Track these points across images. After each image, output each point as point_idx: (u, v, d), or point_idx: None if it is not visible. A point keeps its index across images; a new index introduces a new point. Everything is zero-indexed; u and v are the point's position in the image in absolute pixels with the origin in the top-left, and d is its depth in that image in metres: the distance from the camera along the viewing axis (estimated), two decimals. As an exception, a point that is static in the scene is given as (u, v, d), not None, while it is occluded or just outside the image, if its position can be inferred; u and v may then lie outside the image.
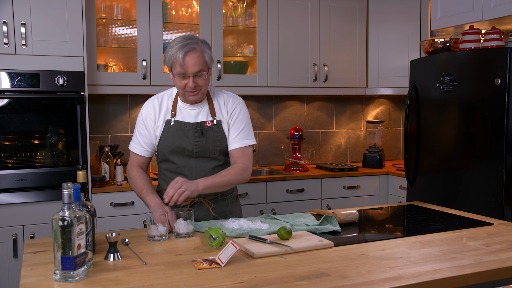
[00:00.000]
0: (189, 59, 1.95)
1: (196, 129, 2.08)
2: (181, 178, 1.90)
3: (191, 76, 1.97)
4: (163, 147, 2.11)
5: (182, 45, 1.95)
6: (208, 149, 2.10)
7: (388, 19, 4.01)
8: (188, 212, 1.88)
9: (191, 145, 2.08)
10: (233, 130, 2.13)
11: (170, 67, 2.01)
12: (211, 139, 2.10)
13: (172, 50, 1.96)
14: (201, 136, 2.08)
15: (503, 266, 1.52)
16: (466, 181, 2.93)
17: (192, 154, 2.10)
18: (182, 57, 1.93)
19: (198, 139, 2.08)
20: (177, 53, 1.94)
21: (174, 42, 2.00)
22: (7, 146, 2.89)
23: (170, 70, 2.03)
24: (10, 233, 2.87)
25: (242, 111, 2.16)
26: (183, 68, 1.95)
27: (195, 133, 2.08)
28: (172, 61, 1.96)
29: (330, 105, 4.38)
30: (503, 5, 2.90)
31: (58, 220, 1.36)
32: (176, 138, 2.08)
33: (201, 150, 2.09)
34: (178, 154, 2.10)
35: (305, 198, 3.62)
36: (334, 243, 1.74)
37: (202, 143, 2.09)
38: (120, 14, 3.45)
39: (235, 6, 3.78)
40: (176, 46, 1.96)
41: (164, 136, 2.10)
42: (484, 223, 2.09)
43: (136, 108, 3.72)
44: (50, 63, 2.93)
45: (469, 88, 2.91)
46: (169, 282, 1.38)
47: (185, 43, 1.95)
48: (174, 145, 2.08)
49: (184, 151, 2.09)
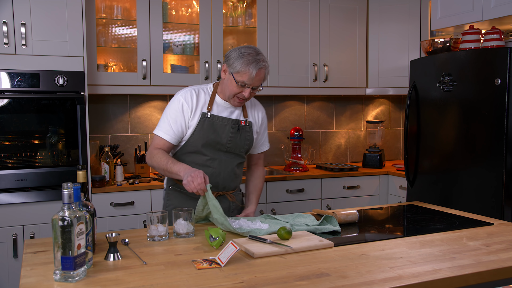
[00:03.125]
0: (258, 75, 2.08)
1: (234, 125, 2.20)
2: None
3: (249, 88, 2.09)
4: (197, 139, 2.16)
5: (256, 59, 2.06)
6: (239, 145, 2.23)
7: (388, 19, 4.01)
8: (188, 212, 1.88)
9: (226, 139, 2.19)
10: (262, 134, 2.36)
11: (235, 72, 2.08)
12: (244, 137, 2.24)
13: (244, 60, 2.06)
14: (237, 133, 2.21)
15: (503, 266, 1.52)
16: (466, 181, 2.93)
17: (223, 148, 2.20)
18: (256, 73, 2.06)
19: (234, 135, 2.20)
20: (251, 66, 2.05)
21: (246, 52, 2.08)
22: (7, 146, 2.89)
23: (230, 73, 2.10)
24: (10, 233, 2.87)
25: (266, 118, 2.41)
26: (250, 80, 2.07)
27: (233, 129, 2.20)
28: (244, 71, 2.06)
29: (330, 105, 4.38)
30: (503, 5, 2.90)
31: (58, 220, 1.36)
32: (211, 131, 2.16)
33: (233, 146, 2.21)
34: (211, 148, 2.18)
35: (305, 198, 3.62)
36: (334, 243, 1.74)
37: (236, 139, 2.21)
38: (120, 14, 3.45)
39: (235, 6, 3.78)
40: (250, 58, 2.06)
41: (199, 128, 2.15)
42: (484, 223, 2.09)
43: (136, 108, 3.72)
44: (50, 63, 2.93)
45: (469, 88, 2.91)
46: (169, 282, 1.38)
47: (258, 59, 2.07)
48: (209, 138, 2.16)
49: (217, 144, 2.18)
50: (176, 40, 3.60)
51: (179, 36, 3.63)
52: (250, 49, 2.10)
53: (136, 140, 3.73)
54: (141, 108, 3.74)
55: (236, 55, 2.08)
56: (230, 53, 2.13)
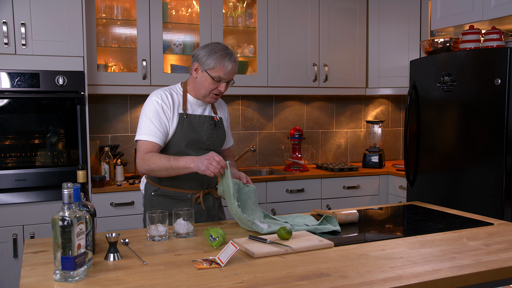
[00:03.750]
0: (232, 68, 2.13)
1: (211, 121, 2.23)
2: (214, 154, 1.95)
3: (225, 82, 2.14)
4: (180, 140, 2.16)
5: (228, 53, 2.11)
6: (217, 142, 2.27)
7: (388, 19, 4.01)
8: (188, 212, 1.88)
9: (206, 136, 2.21)
10: (227, 130, 2.39)
11: (209, 69, 2.10)
12: (220, 133, 2.28)
13: (217, 56, 2.09)
14: (214, 129, 2.24)
15: (503, 266, 1.52)
16: (466, 181, 2.93)
17: (204, 146, 2.22)
18: (231, 66, 2.11)
19: (212, 132, 2.23)
20: (225, 60, 2.10)
21: (216, 48, 2.11)
22: (7, 146, 2.89)
23: (204, 70, 2.11)
24: (10, 233, 2.87)
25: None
26: (226, 74, 2.11)
27: (210, 126, 2.23)
28: (219, 66, 2.09)
29: (330, 105, 4.38)
30: (503, 5, 2.90)
31: (58, 220, 1.36)
32: (191, 131, 2.17)
33: (212, 143, 2.24)
34: (193, 147, 2.19)
35: (305, 198, 3.62)
36: (334, 243, 1.74)
37: (214, 135, 2.24)
38: (120, 14, 3.45)
39: (235, 6, 3.78)
40: (223, 53, 2.10)
41: (180, 128, 2.15)
42: (484, 223, 2.09)
43: (136, 108, 3.72)
44: (50, 63, 2.93)
45: (469, 88, 2.91)
46: (169, 282, 1.38)
47: (229, 53, 2.12)
48: (190, 137, 2.17)
49: (198, 143, 2.20)
50: (176, 40, 3.60)
51: (179, 36, 3.63)
52: (219, 45, 2.14)
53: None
54: (141, 108, 3.74)
55: (207, 52, 2.11)
56: (198, 51, 2.14)
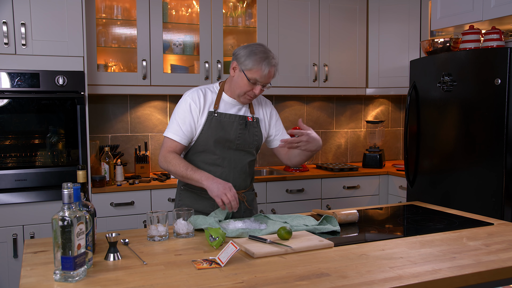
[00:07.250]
0: (269, 72, 2.11)
1: (241, 121, 2.20)
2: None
3: (260, 85, 2.12)
4: (207, 137, 2.16)
5: (267, 56, 2.09)
6: (248, 142, 2.23)
7: (388, 19, 4.01)
8: (188, 212, 1.88)
9: (235, 136, 2.18)
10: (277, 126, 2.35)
11: (247, 70, 2.10)
12: (252, 133, 2.24)
13: (256, 58, 2.08)
14: (245, 129, 2.21)
15: (503, 266, 1.52)
16: (466, 181, 2.93)
17: (233, 146, 2.20)
18: (268, 70, 2.09)
19: (242, 131, 2.20)
20: (263, 63, 2.08)
21: (256, 49, 2.10)
22: (7, 146, 2.89)
23: (241, 70, 2.11)
24: (10, 233, 2.87)
25: (276, 110, 2.40)
26: (262, 78, 2.10)
27: (240, 125, 2.20)
28: (256, 68, 2.08)
29: (330, 105, 4.38)
30: (503, 5, 2.90)
31: (58, 220, 1.36)
32: (219, 129, 2.16)
33: (242, 143, 2.21)
34: (220, 145, 2.18)
35: (305, 198, 3.62)
36: (334, 243, 1.74)
37: (244, 135, 2.21)
38: (120, 14, 3.45)
39: (235, 6, 3.78)
40: (262, 56, 2.09)
41: (207, 126, 2.15)
42: (484, 223, 2.09)
43: (136, 108, 3.72)
44: (50, 63, 2.93)
45: (469, 88, 2.91)
46: (169, 282, 1.38)
47: (269, 56, 2.10)
48: (217, 136, 2.16)
49: (226, 142, 2.18)
50: (176, 40, 3.60)
51: (179, 36, 3.63)
52: (260, 47, 2.12)
53: (136, 140, 3.73)
54: (141, 108, 3.74)
55: (247, 52, 2.10)
56: (239, 50, 2.14)
